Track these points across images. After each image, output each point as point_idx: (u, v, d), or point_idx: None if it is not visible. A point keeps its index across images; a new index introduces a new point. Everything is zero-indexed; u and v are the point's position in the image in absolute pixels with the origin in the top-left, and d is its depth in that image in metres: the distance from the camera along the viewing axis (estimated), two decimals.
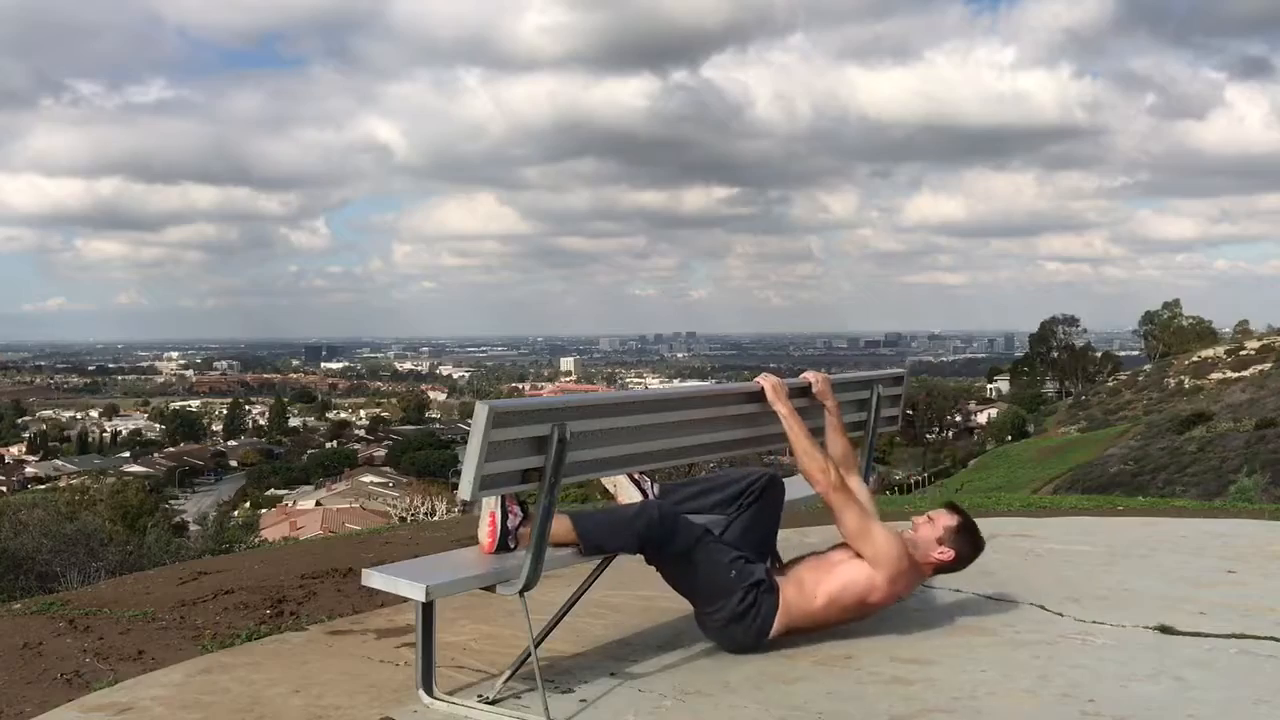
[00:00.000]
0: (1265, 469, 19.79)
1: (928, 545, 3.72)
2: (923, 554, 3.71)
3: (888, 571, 3.60)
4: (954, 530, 3.73)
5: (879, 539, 3.61)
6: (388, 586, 3.09)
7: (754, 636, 3.55)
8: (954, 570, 3.81)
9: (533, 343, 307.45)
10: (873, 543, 3.60)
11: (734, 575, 3.51)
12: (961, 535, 3.75)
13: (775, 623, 3.55)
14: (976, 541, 3.79)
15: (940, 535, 3.72)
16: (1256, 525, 6.17)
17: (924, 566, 3.73)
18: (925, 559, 3.72)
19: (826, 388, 3.91)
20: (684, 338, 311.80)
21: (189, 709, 3.15)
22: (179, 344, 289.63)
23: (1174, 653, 3.58)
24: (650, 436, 3.43)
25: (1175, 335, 76.83)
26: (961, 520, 3.77)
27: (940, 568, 3.77)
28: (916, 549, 3.71)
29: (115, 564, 9.59)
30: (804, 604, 3.58)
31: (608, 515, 3.56)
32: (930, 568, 3.76)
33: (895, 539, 3.64)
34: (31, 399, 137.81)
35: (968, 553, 3.77)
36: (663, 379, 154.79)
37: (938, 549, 3.71)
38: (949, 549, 3.72)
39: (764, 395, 3.69)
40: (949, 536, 3.72)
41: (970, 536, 3.77)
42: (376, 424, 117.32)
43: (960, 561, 3.76)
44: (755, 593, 3.53)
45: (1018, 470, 43.29)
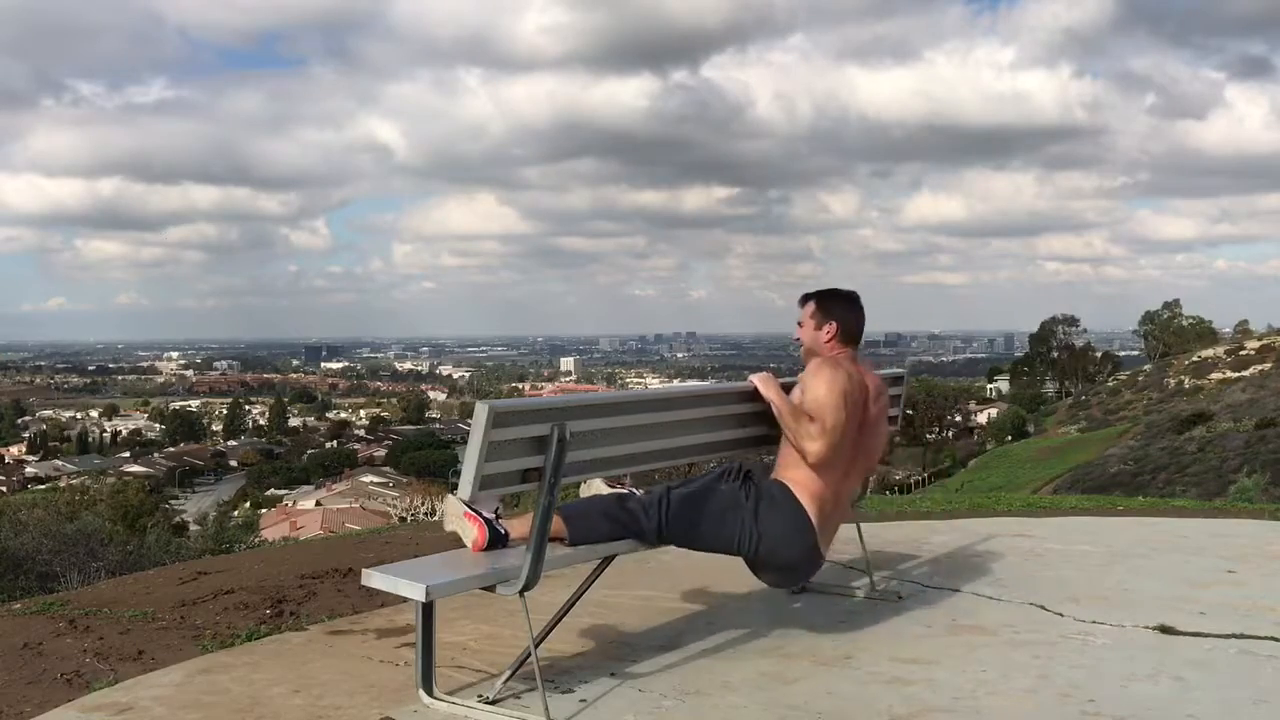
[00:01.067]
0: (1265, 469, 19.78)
1: (815, 342, 3.74)
2: (820, 351, 3.71)
3: (831, 400, 3.53)
4: (818, 311, 3.74)
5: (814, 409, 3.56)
6: (388, 586, 3.09)
7: (796, 523, 3.50)
8: (854, 330, 3.76)
9: (533, 343, 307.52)
10: (821, 416, 3.53)
11: (724, 487, 3.54)
12: (826, 306, 3.75)
13: (800, 497, 3.51)
14: (842, 295, 3.79)
15: (811, 324, 3.73)
16: (1256, 525, 6.17)
17: (830, 356, 3.69)
18: (826, 352, 3.70)
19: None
20: (684, 338, 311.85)
21: (189, 709, 3.15)
22: (179, 344, 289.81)
23: (1174, 653, 3.58)
24: (650, 436, 3.43)
25: (1175, 335, 76.79)
26: (814, 300, 3.77)
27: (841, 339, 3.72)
28: (817, 354, 3.71)
29: (115, 564, 9.59)
30: (798, 473, 3.54)
31: (601, 500, 3.58)
32: (833, 347, 3.71)
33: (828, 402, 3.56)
34: (31, 399, 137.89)
35: (843, 310, 3.75)
36: (663, 379, 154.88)
37: (824, 336, 3.72)
38: (830, 324, 3.71)
39: (759, 394, 3.69)
40: (819, 318, 3.73)
41: (834, 298, 3.77)
42: (376, 424, 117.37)
43: (845, 321, 3.73)
44: (752, 483, 3.55)
45: (1018, 470, 43.28)
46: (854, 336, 3.78)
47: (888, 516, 6.53)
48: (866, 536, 4.52)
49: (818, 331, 3.74)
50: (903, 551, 5.22)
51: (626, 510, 3.46)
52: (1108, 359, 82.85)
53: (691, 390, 3.87)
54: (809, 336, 3.76)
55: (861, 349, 3.81)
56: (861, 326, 3.81)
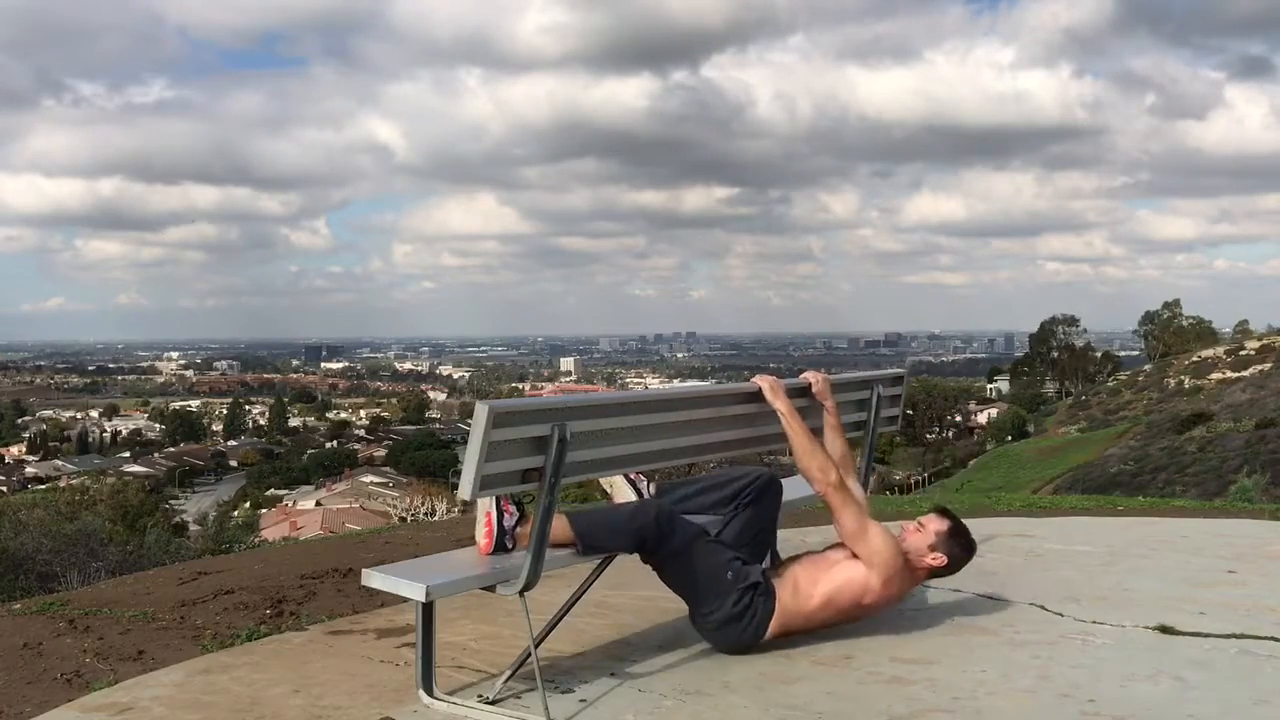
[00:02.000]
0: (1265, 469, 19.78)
1: (919, 551, 3.70)
2: (915, 560, 3.69)
3: (882, 573, 3.59)
4: (945, 534, 3.72)
5: (875, 539, 3.60)
6: (388, 586, 3.09)
7: (749, 638, 3.55)
8: (946, 575, 3.81)
9: (533, 343, 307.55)
10: (868, 543, 3.59)
11: (730, 576, 3.51)
12: (952, 539, 3.74)
13: (771, 625, 3.55)
14: (968, 545, 3.78)
15: (932, 541, 3.71)
16: (1256, 525, 6.17)
17: (917, 572, 3.73)
18: (918, 564, 3.70)
19: (826, 388, 3.91)
20: (684, 338, 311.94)
21: (189, 709, 3.15)
22: (179, 344, 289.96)
23: (1174, 653, 3.58)
24: (650, 436, 3.43)
25: (1175, 335, 76.79)
26: (952, 525, 3.76)
27: (933, 573, 3.76)
28: (909, 554, 3.70)
29: (115, 564, 9.61)
30: (799, 606, 3.58)
31: (605, 515, 3.56)
32: (923, 573, 3.75)
33: (891, 540, 3.63)
34: (31, 399, 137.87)
35: (959, 556, 3.75)
36: (663, 379, 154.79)
37: (930, 554, 3.70)
38: (940, 554, 3.70)
39: (763, 395, 3.69)
40: (940, 541, 3.71)
41: (961, 540, 3.76)
42: (376, 424, 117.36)
43: (952, 566, 3.75)
44: (751, 595, 3.52)
45: (1018, 470, 43.28)
46: (936, 576, 3.81)
47: (888, 517, 6.51)
48: None
49: (930, 550, 3.71)
50: None
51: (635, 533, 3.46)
52: (1108, 359, 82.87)
53: (692, 391, 3.87)
54: (920, 548, 3.71)
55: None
56: (954, 573, 3.81)
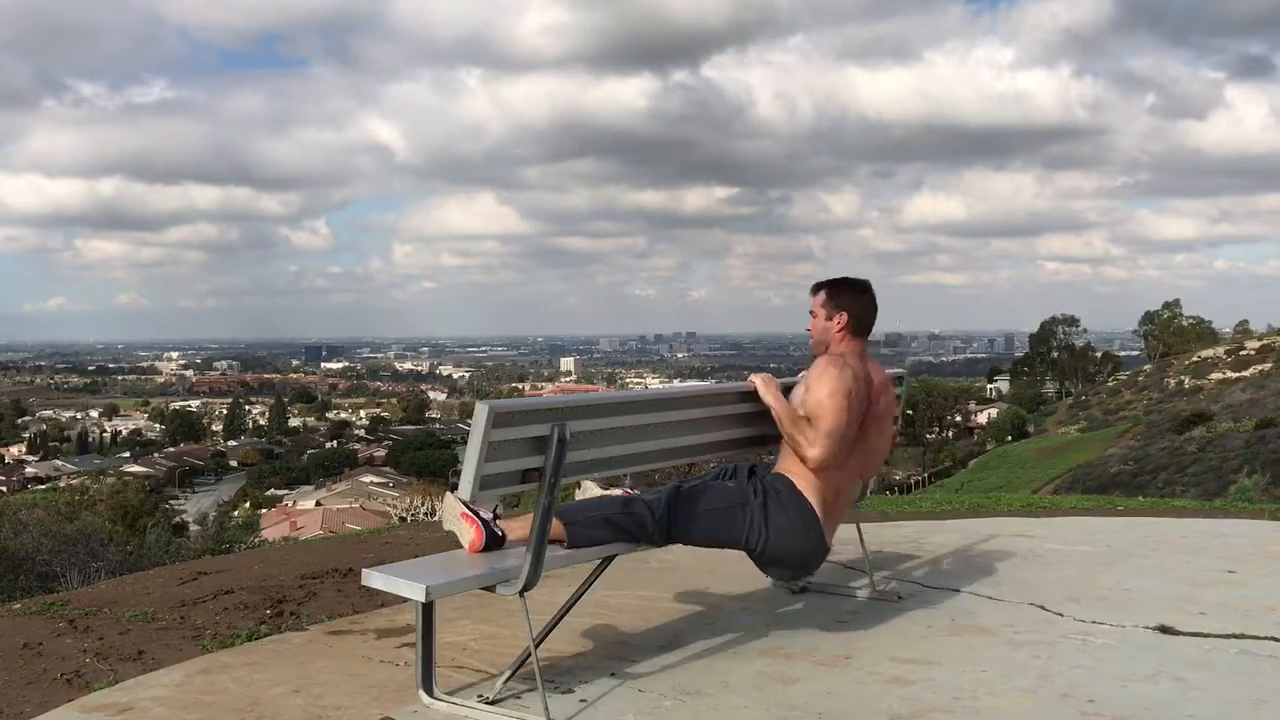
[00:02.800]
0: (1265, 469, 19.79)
1: (825, 333, 3.67)
2: (831, 343, 3.65)
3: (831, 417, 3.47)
4: (827, 301, 3.68)
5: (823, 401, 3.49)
6: (388, 586, 3.09)
7: (803, 520, 3.48)
8: (866, 321, 3.70)
9: (533, 343, 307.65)
10: (822, 419, 3.48)
11: (732, 484, 3.52)
12: (837, 296, 3.69)
13: (804, 493, 3.49)
14: (852, 284, 3.71)
15: (822, 314, 3.67)
16: (1256, 525, 6.17)
17: (841, 348, 3.64)
18: (837, 343, 3.65)
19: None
20: (684, 338, 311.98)
21: (189, 709, 3.15)
22: (179, 344, 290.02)
23: (1174, 653, 3.58)
24: (650, 436, 3.43)
25: (1175, 335, 76.85)
26: (825, 289, 3.71)
27: (852, 331, 3.66)
28: (827, 344, 3.66)
29: (115, 564, 9.61)
30: (801, 469, 3.51)
31: (592, 501, 3.57)
32: (844, 340, 3.66)
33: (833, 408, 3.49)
34: (31, 399, 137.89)
35: (854, 300, 3.69)
36: (663, 379, 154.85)
37: (834, 326, 3.66)
38: (839, 315, 3.65)
39: (758, 394, 3.67)
40: (830, 308, 3.67)
41: (844, 287, 3.70)
42: (376, 424, 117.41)
43: (858, 311, 3.67)
44: (758, 479, 3.52)
45: (1018, 470, 43.28)
46: (865, 328, 3.72)
47: (888, 516, 6.53)
48: (867, 536, 4.53)
49: (828, 322, 3.69)
50: (903, 551, 5.22)
51: (631, 515, 3.43)
52: (1108, 359, 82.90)
53: (691, 390, 3.86)
54: (819, 327, 3.70)
55: (872, 340, 3.79)
56: (873, 317, 3.74)
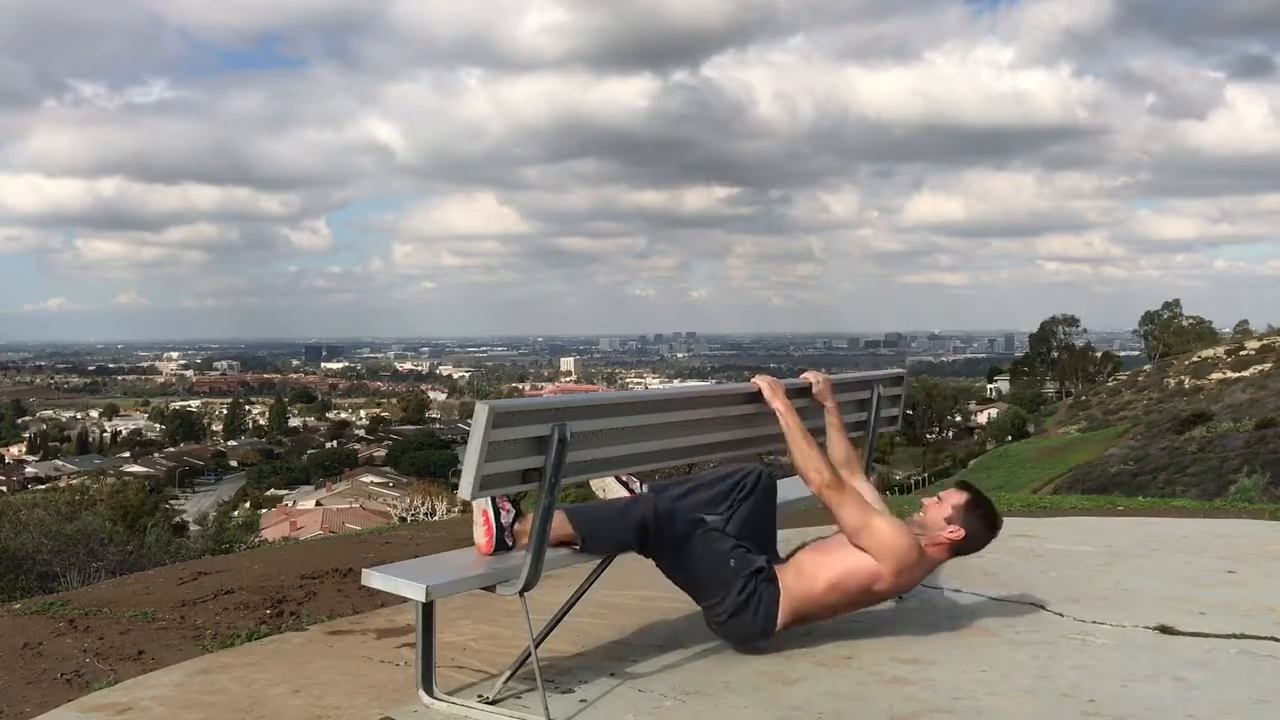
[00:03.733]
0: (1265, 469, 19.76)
1: (936, 525, 3.59)
2: (931, 536, 3.58)
3: (893, 563, 3.48)
4: (963, 507, 3.60)
5: (882, 530, 3.48)
6: (388, 586, 3.09)
7: (760, 628, 3.50)
8: (968, 551, 3.66)
9: (533, 343, 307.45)
10: (873, 536, 3.48)
11: (733, 564, 3.47)
12: (970, 512, 3.61)
13: (780, 611, 3.49)
14: (989, 517, 3.65)
15: (949, 514, 3.59)
16: (1256, 525, 6.16)
17: (934, 549, 3.60)
18: (934, 541, 3.59)
19: (827, 388, 3.86)
20: (684, 338, 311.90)
21: (189, 709, 3.15)
22: (179, 344, 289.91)
23: (1174, 653, 3.58)
24: (650, 436, 3.43)
25: (1175, 335, 76.86)
26: (971, 497, 3.64)
27: (953, 548, 3.62)
28: (926, 531, 3.59)
29: (115, 564, 9.59)
30: (806, 589, 3.50)
31: (603, 508, 3.55)
32: (942, 549, 3.61)
33: (900, 528, 3.53)
34: (31, 399, 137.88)
35: (979, 530, 3.62)
36: (663, 379, 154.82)
37: (947, 529, 3.58)
38: (958, 527, 3.58)
39: (762, 395, 3.67)
40: (958, 515, 3.59)
41: (981, 512, 3.63)
42: (376, 424, 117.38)
43: (972, 540, 3.62)
44: (755, 581, 3.47)
45: (1018, 470, 43.27)
46: (963, 552, 3.67)
47: None
48: None
49: (947, 526, 3.60)
50: None
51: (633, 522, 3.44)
52: (1108, 359, 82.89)
53: (692, 391, 3.87)
54: (936, 522, 3.61)
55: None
56: (974, 550, 3.68)
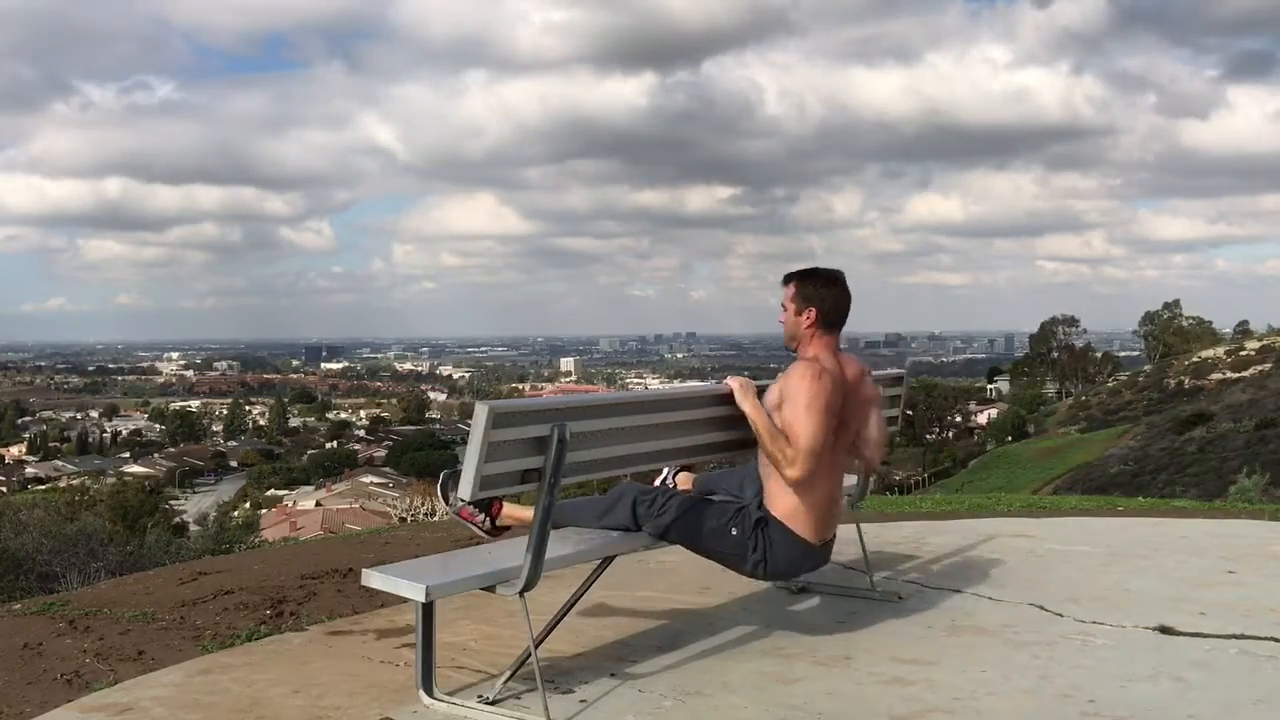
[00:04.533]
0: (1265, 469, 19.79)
1: (798, 332, 3.58)
2: (804, 346, 3.56)
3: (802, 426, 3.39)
4: (793, 294, 3.58)
5: (799, 426, 3.39)
6: (388, 587, 3.10)
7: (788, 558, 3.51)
8: (833, 321, 3.58)
9: (533, 343, 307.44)
10: (791, 442, 3.40)
11: (736, 533, 3.50)
12: (802, 289, 3.58)
13: (800, 532, 3.49)
14: (820, 277, 3.60)
15: (791, 310, 3.58)
16: (1256, 525, 6.16)
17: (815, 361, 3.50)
18: (808, 347, 3.55)
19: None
20: (684, 338, 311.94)
21: (189, 709, 3.15)
22: (179, 344, 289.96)
23: (1174, 653, 3.58)
24: (650, 437, 3.43)
25: (1175, 336, 76.89)
26: (794, 280, 3.60)
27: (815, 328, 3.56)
28: (800, 348, 3.57)
29: (115, 564, 9.60)
30: (797, 502, 3.48)
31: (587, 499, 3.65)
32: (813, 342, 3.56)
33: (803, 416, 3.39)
34: (32, 399, 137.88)
35: (824, 294, 3.57)
36: (663, 379, 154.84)
37: (804, 326, 3.56)
38: (808, 310, 3.55)
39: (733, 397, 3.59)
40: (797, 302, 3.57)
41: (813, 279, 3.59)
42: (376, 424, 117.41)
43: (827, 306, 3.56)
44: (760, 533, 3.49)
45: (1018, 471, 43.32)
46: (837, 321, 3.61)
47: (888, 517, 6.53)
48: (866, 537, 4.52)
49: (798, 317, 3.59)
50: (903, 551, 5.22)
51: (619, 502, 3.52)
52: (1108, 359, 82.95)
53: (692, 391, 3.86)
54: (789, 322, 3.61)
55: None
56: (844, 310, 3.62)
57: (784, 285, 3.67)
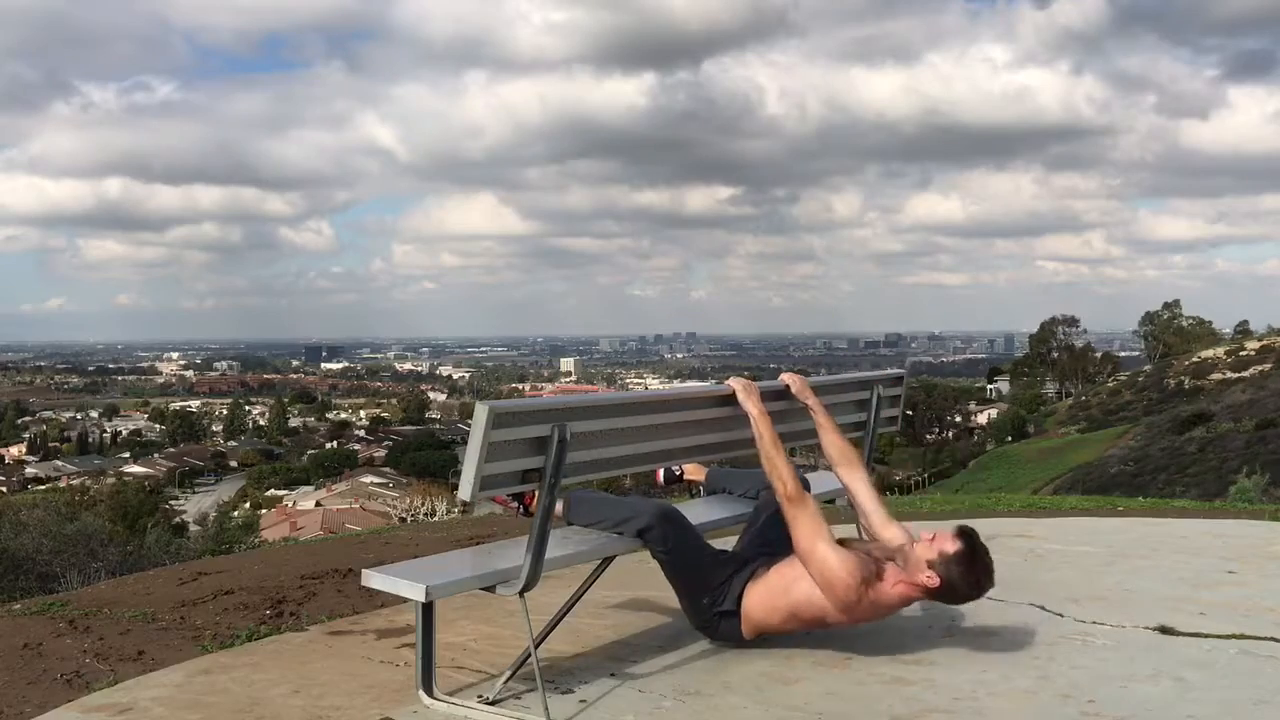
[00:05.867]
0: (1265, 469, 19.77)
1: (917, 565, 3.34)
2: (909, 573, 3.35)
3: (832, 598, 3.33)
4: (952, 558, 3.32)
5: (826, 561, 3.31)
6: (388, 587, 3.10)
7: (722, 639, 3.59)
8: (944, 601, 3.47)
9: (533, 343, 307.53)
10: (816, 565, 3.33)
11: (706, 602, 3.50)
12: (957, 565, 3.32)
13: (744, 633, 3.52)
14: (976, 575, 3.35)
15: (933, 558, 3.32)
16: (1256, 525, 6.16)
17: (906, 587, 3.36)
18: (910, 579, 3.35)
19: (804, 387, 3.76)
20: (684, 338, 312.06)
21: (189, 709, 3.15)
22: (179, 344, 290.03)
23: (1174, 653, 3.58)
24: (650, 437, 3.43)
25: (1175, 336, 76.93)
26: (965, 549, 3.33)
27: (929, 594, 3.38)
28: (905, 566, 3.36)
29: (115, 564, 9.59)
30: (765, 620, 3.48)
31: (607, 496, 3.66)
32: (916, 590, 3.37)
33: (845, 563, 3.31)
34: (32, 399, 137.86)
35: (960, 586, 3.36)
36: (663, 379, 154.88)
37: (924, 572, 3.33)
38: (935, 575, 3.32)
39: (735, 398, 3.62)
40: (941, 562, 3.32)
41: (968, 568, 3.33)
42: (376, 424, 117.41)
43: (948, 593, 3.37)
44: (719, 620, 3.51)
45: (1018, 471, 43.33)
46: (942, 600, 3.46)
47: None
48: (866, 537, 4.52)
49: (929, 562, 3.33)
50: None
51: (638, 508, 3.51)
52: (1108, 359, 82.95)
53: (692, 391, 3.86)
54: (918, 553, 3.35)
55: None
56: (952, 602, 3.52)
57: (957, 534, 3.38)
